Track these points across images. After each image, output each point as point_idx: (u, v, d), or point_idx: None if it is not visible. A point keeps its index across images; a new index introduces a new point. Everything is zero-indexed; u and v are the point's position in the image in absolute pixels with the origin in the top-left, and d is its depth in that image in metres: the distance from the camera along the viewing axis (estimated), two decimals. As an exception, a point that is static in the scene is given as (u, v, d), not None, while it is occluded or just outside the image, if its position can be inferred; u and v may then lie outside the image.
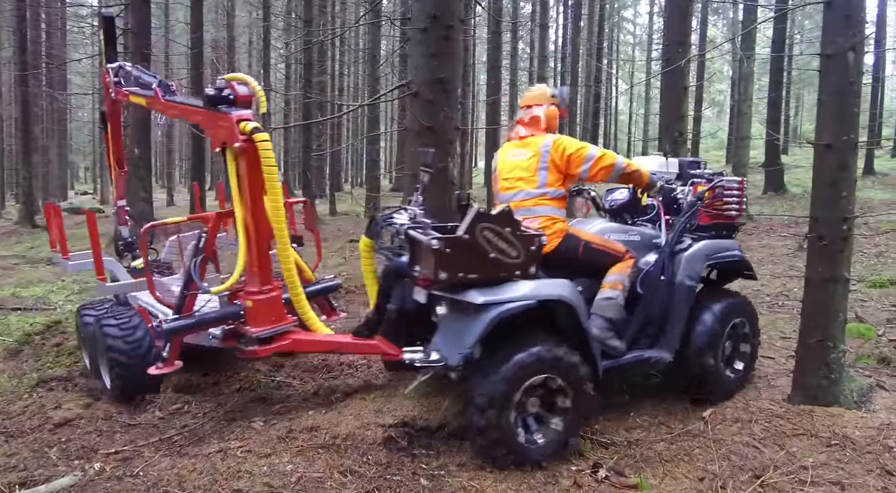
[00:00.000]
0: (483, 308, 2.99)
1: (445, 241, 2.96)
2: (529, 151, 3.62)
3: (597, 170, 3.52)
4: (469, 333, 2.99)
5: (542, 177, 3.55)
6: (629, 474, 3.13)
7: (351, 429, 3.40)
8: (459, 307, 3.08)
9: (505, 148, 3.86)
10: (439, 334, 3.17)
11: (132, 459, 3.41)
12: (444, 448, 3.29)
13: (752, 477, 3.03)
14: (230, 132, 3.52)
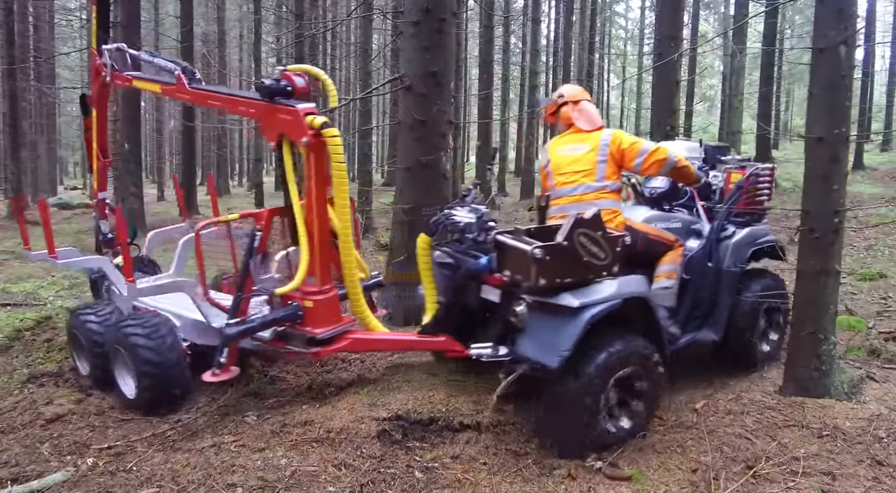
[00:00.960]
0: (579, 311, 3.03)
1: (546, 249, 3.01)
2: (588, 145, 3.72)
3: (649, 163, 3.64)
4: (565, 335, 3.02)
5: (601, 170, 3.66)
6: (623, 465, 3.15)
7: (345, 423, 3.40)
8: (547, 309, 3.10)
9: (557, 143, 3.92)
10: (527, 337, 3.16)
11: (125, 454, 3.40)
12: (437, 441, 3.30)
13: (745, 468, 3.05)
14: (296, 126, 3.44)
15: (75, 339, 4.53)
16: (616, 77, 43.01)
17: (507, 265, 3.20)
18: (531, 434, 3.36)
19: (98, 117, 5.08)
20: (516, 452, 3.23)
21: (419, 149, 5.12)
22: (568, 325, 3.03)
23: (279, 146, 3.60)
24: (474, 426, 3.37)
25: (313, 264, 3.64)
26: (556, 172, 3.83)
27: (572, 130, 3.88)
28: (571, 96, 3.92)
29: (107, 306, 4.53)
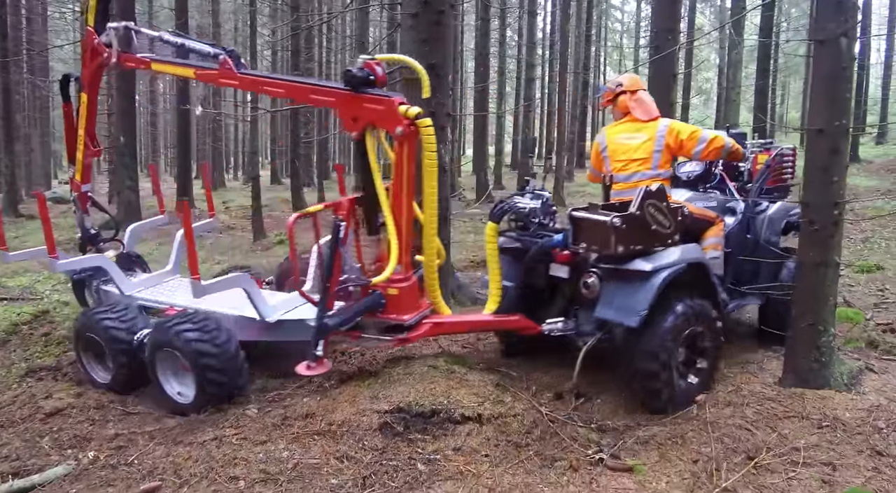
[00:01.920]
0: (652, 274, 3.40)
1: (623, 218, 3.35)
2: (644, 135, 3.99)
3: (710, 150, 3.97)
4: (641, 297, 3.38)
5: (656, 159, 3.94)
6: (625, 457, 3.16)
7: (346, 415, 3.40)
8: (621, 275, 3.46)
9: (613, 130, 4.15)
10: (603, 304, 3.52)
11: (126, 447, 3.39)
12: (439, 433, 3.29)
13: (746, 459, 3.07)
14: (390, 116, 3.45)
15: (89, 343, 4.29)
16: (612, 70, 42.96)
17: (584, 237, 3.54)
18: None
19: (89, 103, 4.80)
20: (518, 444, 3.24)
21: (418, 142, 5.10)
22: (642, 287, 3.39)
23: (362, 136, 3.58)
24: (475, 418, 3.37)
25: (402, 253, 3.66)
26: (612, 158, 4.10)
27: (629, 119, 4.09)
28: (629, 86, 4.11)
29: (122, 306, 4.35)
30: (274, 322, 4.11)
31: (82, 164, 4.94)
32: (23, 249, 5.29)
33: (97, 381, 4.33)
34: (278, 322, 4.13)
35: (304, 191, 16.78)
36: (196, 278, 3.74)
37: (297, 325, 4.06)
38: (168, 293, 4.90)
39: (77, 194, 5.04)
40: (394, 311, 3.71)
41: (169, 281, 5.18)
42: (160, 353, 3.92)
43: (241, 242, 12.43)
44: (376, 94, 3.53)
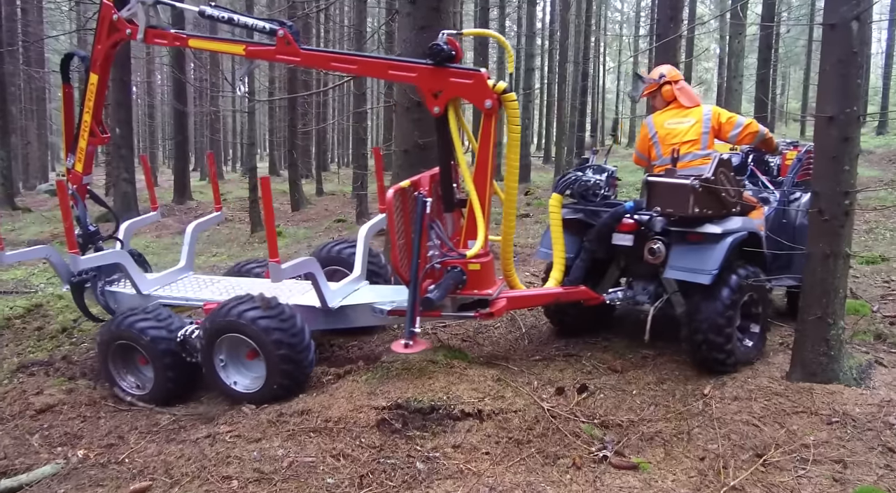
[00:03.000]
0: (722, 237, 3.68)
1: (702, 181, 3.61)
2: (692, 119, 4.30)
3: (744, 134, 4.28)
4: (712, 257, 3.64)
5: (704, 141, 4.25)
6: (629, 454, 3.08)
7: (343, 412, 3.31)
8: (691, 239, 3.74)
9: (660, 117, 4.44)
10: (673, 266, 3.77)
11: (117, 445, 3.31)
12: (438, 430, 3.21)
13: (754, 456, 2.99)
14: (479, 90, 3.46)
15: (120, 353, 4.03)
16: (612, 61, 42.66)
17: (660, 201, 3.79)
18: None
19: (99, 83, 4.40)
20: (519, 440, 3.15)
21: (417, 131, 4.99)
22: (713, 249, 3.66)
23: (445, 111, 3.55)
24: (475, 414, 3.29)
25: (484, 227, 3.65)
26: (663, 142, 4.38)
27: (674, 106, 4.40)
28: (672, 76, 4.43)
29: (157, 309, 4.11)
30: (336, 310, 4.03)
31: (85, 152, 4.56)
32: (19, 242, 5.15)
33: (130, 395, 4.02)
34: (340, 309, 4.05)
35: (303, 182, 16.64)
36: (276, 260, 3.60)
37: (358, 311, 4.02)
38: (191, 290, 4.64)
39: (76, 187, 4.61)
40: (476, 286, 3.67)
41: (184, 278, 4.95)
42: (221, 341, 3.75)
43: (238, 234, 12.33)
44: (462, 68, 3.53)
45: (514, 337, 4.69)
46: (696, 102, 4.39)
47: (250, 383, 3.81)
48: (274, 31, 3.75)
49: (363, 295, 4.23)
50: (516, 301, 3.98)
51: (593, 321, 4.62)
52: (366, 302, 4.06)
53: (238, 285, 4.62)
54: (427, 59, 3.54)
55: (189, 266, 5.07)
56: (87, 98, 4.42)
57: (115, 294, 4.67)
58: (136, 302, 4.42)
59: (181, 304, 4.49)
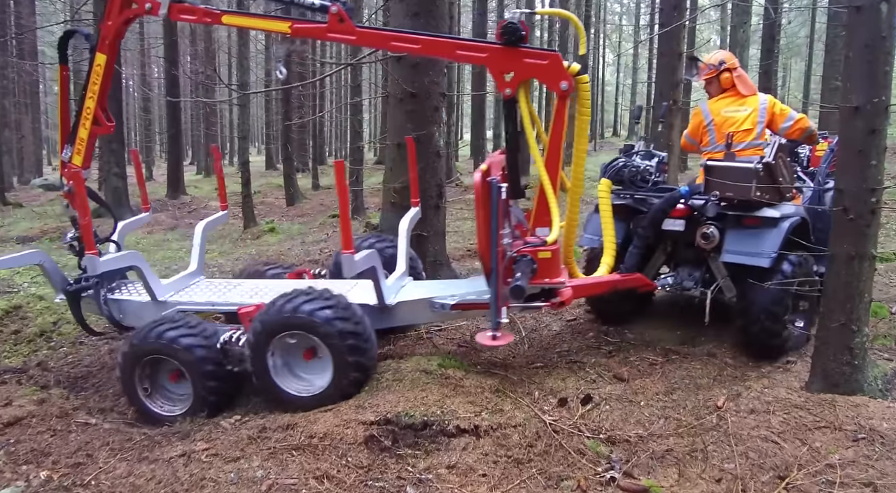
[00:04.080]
0: (780, 221, 3.75)
1: (764, 165, 3.68)
2: (749, 108, 4.32)
3: (795, 128, 4.34)
4: (771, 241, 3.71)
5: (759, 129, 4.29)
6: (639, 475, 2.83)
7: (329, 427, 3.06)
8: (747, 223, 3.79)
9: (716, 104, 4.44)
10: (729, 250, 3.80)
11: (84, 464, 3.05)
12: (431, 448, 2.96)
13: (775, 478, 2.74)
14: (555, 71, 3.34)
15: (149, 371, 3.68)
16: (612, 52, 42.27)
17: (720, 185, 3.77)
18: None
19: (107, 65, 3.96)
20: (519, 460, 2.91)
21: (411, 123, 4.73)
22: (771, 233, 3.72)
23: (515, 93, 3.41)
24: (472, 430, 3.04)
25: (555, 213, 3.53)
26: (718, 129, 4.38)
27: (731, 94, 4.41)
28: (731, 64, 4.42)
29: (184, 316, 3.74)
30: (391, 307, 3.79)
31: (86, 143, 4.03)
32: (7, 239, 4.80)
33: (160, 416, 3.66)
34: (395, 307, 3.81)
35: (298, 176, 16.36)
36: (350, 252, 3.36)
37: (415, 307, 3.80)
38: (213, 294, 4.25)
39: (73, 183, 3.96)
40: (546, 275, 3.51)
41: (197, 282, 4.54)
42: (275, 343, 3.48)
43: (230, 230, 12.05)
44: (536, 48, 3.46)
45: (514, 341, 4.45)
46: (754, 91, 4.42)
47: (313, 386, 3.51)
48: (326, 7, 3.48)
49: (413, 291, 3.97)
50: (581, 289, 3.88)
51: (632, 310, 4.65)
52: (423, 297, 3.81)
53: (264, 288, 4.26)
54: (498, 38, 3.38)
55: (200, 270, 4.66)
56: (92, 81, 3.97)
57: (121, 303, 4.20)
58: (148, 310, 4.04)
59: (205, 310, 4.10)
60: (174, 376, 3.70)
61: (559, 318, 4.96)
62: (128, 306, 4.18)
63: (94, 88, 3.98)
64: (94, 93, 3.99)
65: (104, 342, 5.10)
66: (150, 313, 3.96)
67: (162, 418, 3.63)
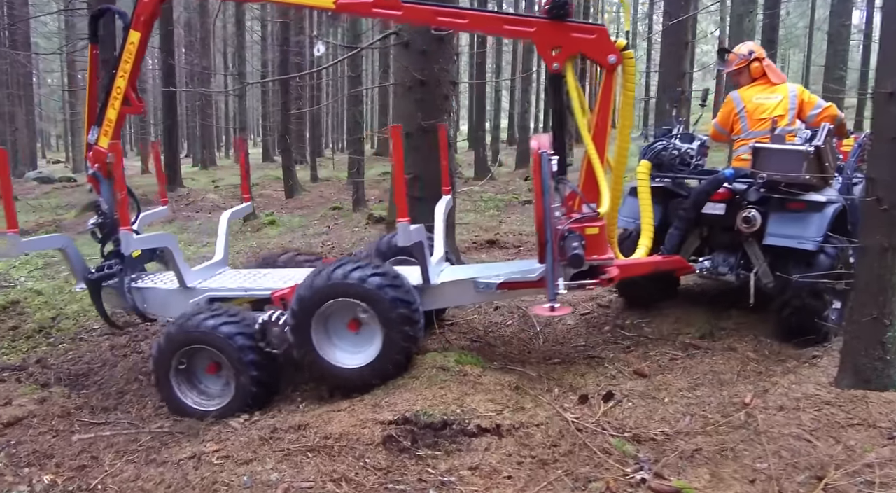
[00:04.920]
0: (826, 205, 3.76)
1: (815, 148, 3.70)
2: (780, 95, 4.41)
3: (823, 116, 4.34)
4: (816, 225, 3.72)
5: (790, 116, 4.35)
6: (669, 475, 2.72)
7: (344, 427, 2.95)
8: (792, 207, 3.79)
9: (748, 92, 4.51)
10: (773, 232, 3.80)
11: (90, 467, 2.94)
12: (452, 448, 2.85)
13: (811, 478, 2.63)
14: (603, 45, 3.38)
15: (187, 362, 3.53)
16: (610, 43, 41.98)
17: (768, 167, 3.77)
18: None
19: (140, 43, 3.82)
20: (544, 460, 2.80)
21: (420, 112, 4.59)
22: (817, 217, 3.73)
23: (563, 68, 3.42)
24: (493, 429, 2.93)
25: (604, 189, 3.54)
26: (751, 116, 4.44)
27: (762, 82, 4.50)
28: (760, 54, 4.54)
29: (230, 309, 3.62)
30: (434, 288, 3.68)
31: (115, 123, 3.85)
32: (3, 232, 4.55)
33: (196, 411, 3.50)
34: (438, 287, 3.70)
35: (297, 168, 16.17)
36: (406, 220, 3.31)
37: (459, 287, 3.71)
38: (245, 281, 4.04)
39: (98, 166, 3.87)
40: (595, 251, 3.49)
41: (222, 272, 4.34)
42: (320, 315, 3.36)
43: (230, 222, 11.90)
44: (584, 22, 3.46)
45: (528, 336, 4.34)
46: (783, 79, 4.53)
47: (360, 358, 3.40)
48: None
49: (455, 273, 3.90)
50: (626, 269, 3.84)
51: (659, 294, 4.65)
52: (467, 278, 3.71)
53: (296, 275, 4.05)
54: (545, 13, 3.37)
55: (225, 260, 4.47)
56: (124, 59, 3.82)
57: (145, 292, 4.00)
58: (175, 298, 3.85)
59: (238, 297, 3.91)
60: (212, 368, 3.54)
61: (573, 312, 4.85)
62: (153, 295, 3.98)
63: (125, 66, 3.83)
64: (125, 72, 3.82)
65: (105, 338, 4.98)
66: (177, 301, 3.80)
67: (198, 413, 3.48)
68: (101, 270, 3.92)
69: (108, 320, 4.18)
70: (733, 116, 4.57)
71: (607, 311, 4.81)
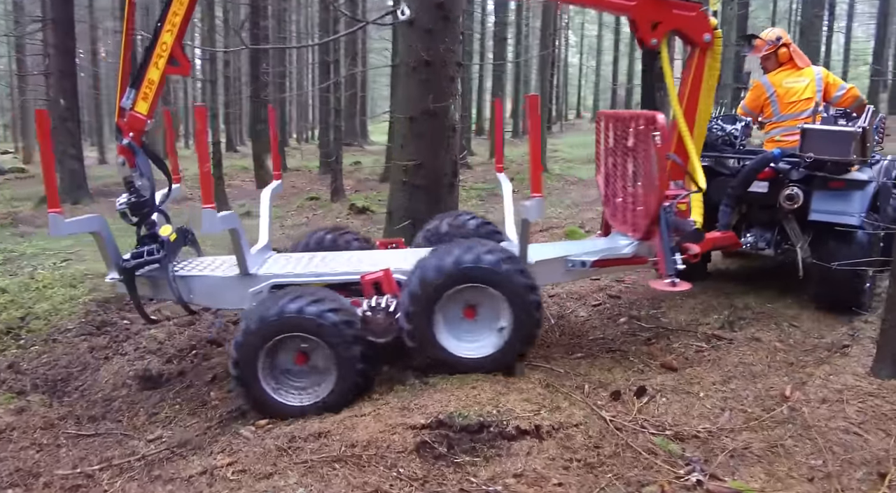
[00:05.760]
0: (867, 183, 3.94)
1: (862, 129, 3.87)
2: (807, 79, 4.52)
3: (846, 96, 4.53)
4: (859, 201, 3.90)
5: (818, 98, 4.45)
6: (723, 475, 2.57)
7: (371, 434, 2.70)
8: (835, 185, 3.95)
9: (777, 77, 4.60)
10: (817, 209, 3.94)
11: (86, 487, 2.63)
12: (491, 453, 2.63)
13: (868, 474, 2.51)
14: (701, 23, 3.48)
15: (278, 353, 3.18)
16: (574, 35, 42.14)
17: (817, 148, 3.88)
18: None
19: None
20: (591, 464, 2.61)
21: (425, 95, 4.33)
22: (860, 194, 3.91)
23: (659, 45, 3.49)
24: (533, 431, 2.73)
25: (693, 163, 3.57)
26: (782, 100, 4.54)
27: (789, 67, 4.60)
28: (786, 40, 4.65)
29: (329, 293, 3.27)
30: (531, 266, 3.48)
31: (157, 86, 3.31)
32: None
33: (291, 409, 3.14)
34: (535, 266, 3.51)
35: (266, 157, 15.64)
36: (540, 195, 3.19)
37: (550, 266, 3.59)
38: (310, 266, 3.63)
39: (133, 135, 3.34)
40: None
41: (270, 256, 3.89)
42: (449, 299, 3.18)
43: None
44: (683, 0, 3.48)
45: (544, 329, 4.14)
46: (808, 63, 4.63)
47: (483, 346, 3.25)
48: None
49: (542, 252, 3.77)
50: (707, 243, 3.91)
51: (699, 273, 4.65)
52: (559, 256, 3.61)
53: (364, 257, 3.78)
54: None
55: (269, 244, 4.00)
56: (173, 12, 3.30)
57: (191, 280, 3.49)
58: (232, 286, 3.43)
59: (308, 282, 3.45)
60: (301, 359, 3.20)
61: (584, 303, 4.69)
62: (202, 283, 3.48)
63: (174, 19, 3.31)
64: (173, 25, 3.29)
65: (82, 338, 4.60)
66: (235, 290, 3.40)
67: (296, 412, 3.12)
68: (140, 256, 3.37)
69: (146, 315, 3.71)
70: (763, 100, 4.66)
71: (619, 301, 4.66)
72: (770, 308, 4.28)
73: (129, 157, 3.38)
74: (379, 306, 3.21)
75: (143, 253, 3.37)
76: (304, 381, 3.22)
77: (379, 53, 29.26)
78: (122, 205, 3.41)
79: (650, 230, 3.33)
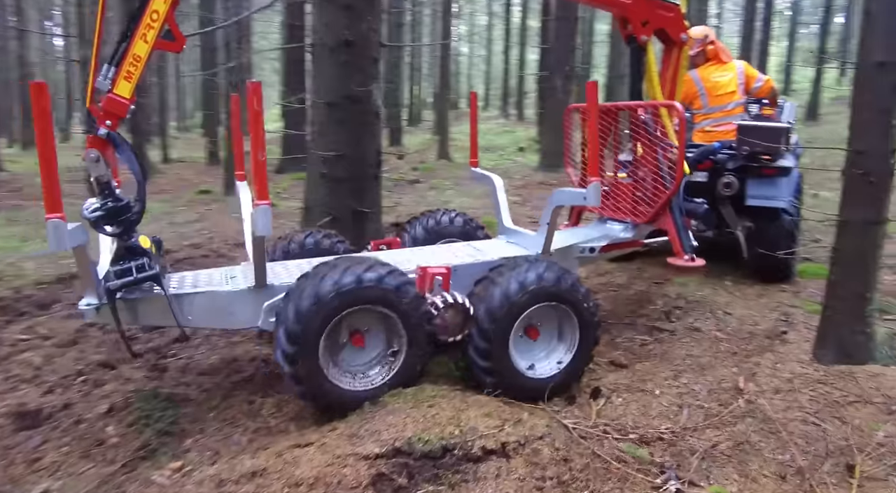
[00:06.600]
0: (792, 169, 4.36)
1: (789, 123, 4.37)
2: (730, 73, 4.84)
3: (764, 88, 4.82)
4: (788, 187, 4.33)
5: (740, 90, 4.79)
6: (698, 480, 2.46)
7: (318, 469, 2.34)
8: (766, 173, 4.31)
9: (705, 71, 4.90)
10: (753, 194, 4.31)
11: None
12: (457, 480, 2.35)
13: (837, 466, 2.50)
14: (678, 22, 3.73)
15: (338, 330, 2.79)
16: (465, 25, 42.41)
17: (751, 141, 4.15)
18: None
19: None
20: (563, 481, 2.39)
21: (346, 78, 3.93)
22: (787, 179, 4.33)
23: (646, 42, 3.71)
24: (499, 449, 2.47)
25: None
26: (710, 93, 4.84)
27: (714, 62, 4.91)
28: (713, 37, 4.97)
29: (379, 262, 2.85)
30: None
31: (143, 63, 2.65)
32: None
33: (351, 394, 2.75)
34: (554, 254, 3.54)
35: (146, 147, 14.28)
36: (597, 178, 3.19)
37: (563, 255, 3.61)
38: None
39: (112, 123, 2.66)
40: None
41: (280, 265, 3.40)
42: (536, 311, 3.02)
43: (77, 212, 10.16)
44: (664, 0, 3.68)
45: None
46: (731, 57, 4.94)
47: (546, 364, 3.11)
48: None
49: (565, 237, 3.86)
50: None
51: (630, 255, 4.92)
52: (570, 244, 3.69)
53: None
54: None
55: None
56: None
57: (190, 298, 2.86)
58: (243, 301, 2.89)
59: None
60: (359, 340, 2.85)
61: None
62: (204, 301, 2.87)
63: None
64: None
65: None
66: (246, 305, 2.87)
67: (351, 397, 2.74)
68: (127, 273, 2.68)
69: (131, 349, 3.03)
70: (693, 94, 4.92)
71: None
72: (701, 297, 4.31)
73: (103, 150, 2.66)
74: (457, 301, 2.91)
75: (130, 270, 2.67)
76: (358, 363, 2.89)
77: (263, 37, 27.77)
78: (94, 212, 2.67)
79: (657, 214, 3.63)
